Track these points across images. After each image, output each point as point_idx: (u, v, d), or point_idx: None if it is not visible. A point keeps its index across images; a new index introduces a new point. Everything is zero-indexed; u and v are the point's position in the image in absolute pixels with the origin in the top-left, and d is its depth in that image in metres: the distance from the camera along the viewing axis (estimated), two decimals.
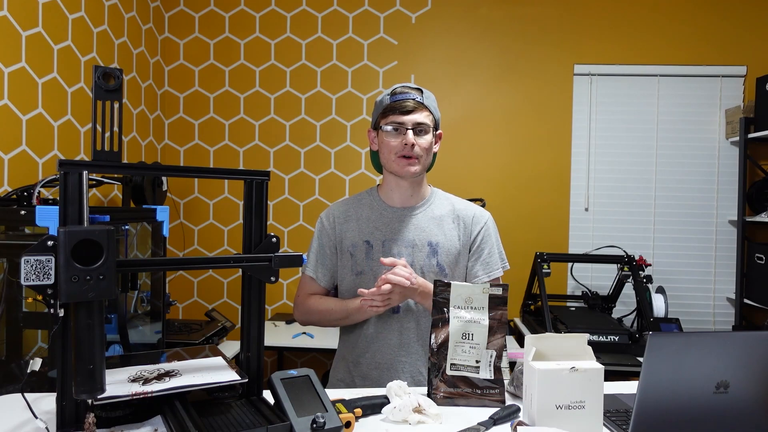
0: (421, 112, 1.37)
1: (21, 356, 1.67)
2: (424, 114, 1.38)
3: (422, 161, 1.39)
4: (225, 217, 3.09)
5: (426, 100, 1.39)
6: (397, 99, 1.37)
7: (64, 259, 0.76)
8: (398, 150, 1.37)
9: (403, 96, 1.38)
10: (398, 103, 1.37)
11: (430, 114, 1.39)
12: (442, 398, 1.14)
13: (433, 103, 1.42)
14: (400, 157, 1.37)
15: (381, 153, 1.42)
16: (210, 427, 0.88)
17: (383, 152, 1.41)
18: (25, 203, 1.61)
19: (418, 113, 1.37)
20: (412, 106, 1.36)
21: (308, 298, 1.47)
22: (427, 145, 1.38)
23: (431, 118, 1.40)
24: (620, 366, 2.14)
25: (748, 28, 2.93)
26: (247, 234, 0.99)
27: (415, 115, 1.36)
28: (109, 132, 0.87)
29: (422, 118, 1.37)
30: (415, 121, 1.36)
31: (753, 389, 0.89)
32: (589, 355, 1.03)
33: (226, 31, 3.06)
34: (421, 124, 1.37)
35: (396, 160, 1.38)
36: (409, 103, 1.36)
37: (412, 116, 1.36)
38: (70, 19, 2.21)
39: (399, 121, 1.36)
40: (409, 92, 1.39)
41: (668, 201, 2.97)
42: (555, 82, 2.99)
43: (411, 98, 1.37)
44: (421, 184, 1.47)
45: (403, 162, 1.38)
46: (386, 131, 1.38)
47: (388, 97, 1.39)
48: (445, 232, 1.43)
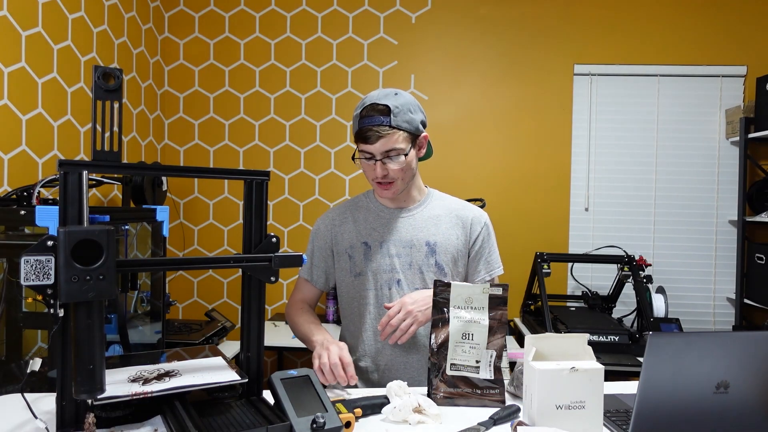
0: (390, 138, 1.29)
1: (21, 356, 1.67)
2: (393, 138, 1.30)
3: (399, 182, 1.37)
4: (225, 217, 3.09)
5: (396, 119, 1.29)
6: (364, 125, 1.31)
7: (64, 259, 0.76)
8: (372, 177, 1.36)
9: (369, 121, 1.30)
10: (364, 131, 1.31)
11: (402, 133, 1.31)
12: (442, 398, 1.14)
13: (407, 116, 1.32)
14: (377, 183, 1.37)
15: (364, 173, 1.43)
16: (210, 427, 0.88)
17: (364, 174, 1.41)
18: (25, 203, 1.61)
19: (386, 140, 1.29)
20: (378, 135, 1.29)
21: (293, 306, 1.50)
22: (400, 167, 1.33)
23: (404, 137, 1.32)
24: (620, 366, 2.13)
25: (748, 28, 2.93)
26: (247, 234, 0.99)
27: (383, 143, 1.30)
28: (109, 132, 0.87)
29: (391, 144, 1.30)
30: (382, 150, 1.31)
31: (753, 389, 0.89)
32: (589, 355, 1.03)
33: (226, 31, 3.06)
34: (389, 151, 1.31)
35: (375, 185, 1.39)
36: (374, 132, 1.29)
37: (380, 146, 1.30)
38: (69, 19, 2.21)
39: (368, 151, 1.33)
40: (374, 116, 1.30)
41: (668, 201, 2.97)
42: (555, 82, 2.99)
43: (377, 124, 1.29)
44: (413, 188, 1.46)
45: (380, 188, 1.38)
46: (360, 158, 1.37)
47: (357, 121, 1.34)
48: (442, 231, 1.43)
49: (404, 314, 1.27)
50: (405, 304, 1.28)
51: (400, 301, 1.29)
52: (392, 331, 1.27)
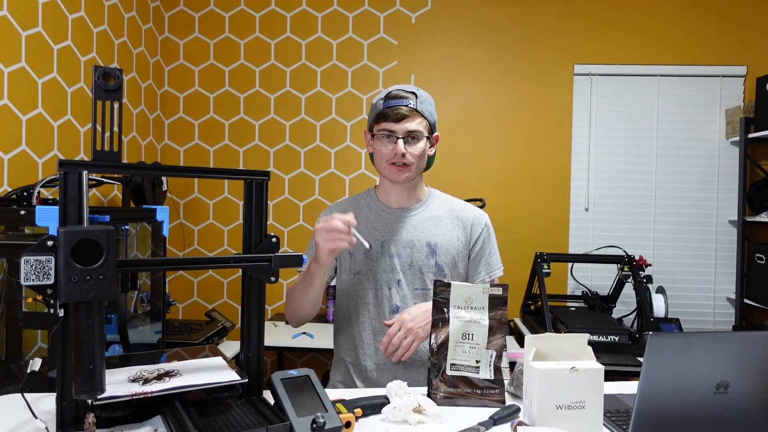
0: (413, 120, 1.34)
1: (21, 356, 1.67)
2: (416, 121, 1.34)
3: (414, 168, 1.38)
4: (225, 217, 3.09)
5: (420, 105, 1.36)
6: (390, 105, 1.34)
7: (64, 259, 0.76)
8: (389, 157, 1.36)
9: (396, 102, 1.34)
10: (391, 109, 1.34)
11: (423, 120, 1.36)
12: (442, 398, 1.14)
13: (429, 107, 1.39)
14: (392, 164, 1.37)
15: (374, 157, 1.42)
16: (210, 427, 0.88)
17: (376, 157, 1.41)
18: (25, 203, 1.61)
19: (410, 121, 1.33)
20: (404, 114, 1.33)
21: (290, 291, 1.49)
22: (419, 152, 1.36)
23: (425, 124, 1.37)
24: (620, 366, 2.13)
25: (748, 28, 2.93)
26: (247, 234, 0.99)
27: (407, 123, 1.33)
28: (109, 132, 0.87)
29: (414, 126, 1.34)
30: (406, 129, 1.33)
31: (753, 389, 0.89)
32: (589, 355, 1.03)
33: (226, 31, 3.06)
34: (412, 132, 1.34)
35: (388, 167, 1.38)
36: (401, 110, 1.33)
37: (404, 124, 1.33)
38: (69, 19, 2.21)
39: (390, 129, 1.34)
40: (403, 97, 1.35)
41: (668, 201, 2.97)
42: (555, 82, 2.99)
43: (404, 105, 1.33)
44: (417, 186, 1.46)
45: (394, 169, 1.37)
46: (379, 137, 1.37)
47: (382, 102, 1.37)
48: (443, 232, 1.43)
49: (405, 332, 1.26)
50: (405, 321, 1.28)
51: (400, 319, 1.28)
52: (394, 349, 1.27)
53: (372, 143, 1.41)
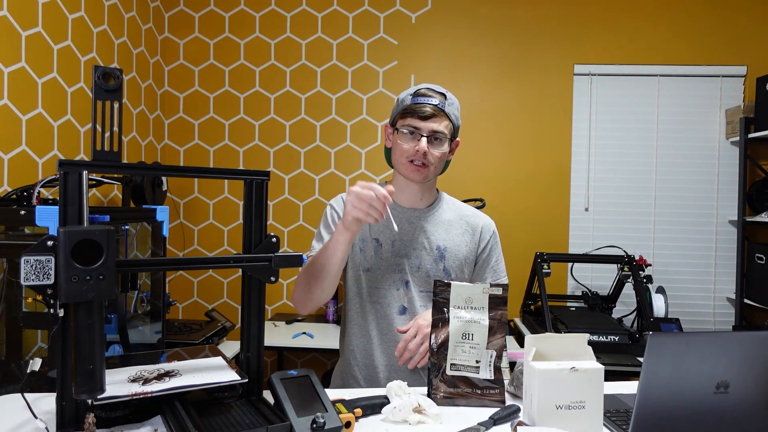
0: (440, 120, 1.31)
1: (21, 356, 1.67)
2: (443, 123, 1.32)
3: (432, 169, 1.35)
4: (225, 217, 3.09)
5: (448, 107, 1.33)
6: (418, 102, 1.31)
7: (64, 259, 0.76)
8: (410, 155, 1.33)
9: (424, 99, 1.31)
10: (418, 106, 1.30)
11: (449, 123, 1.34)
12: (442, 398, 1.14)
13: (456, 111, 1.36)
14: (410, 162, 1.34)
15: (393, 153, 1.39)
16: (210, 427, 0.88)
17: (395, 153, 1.37)
18: (25, 203, 1.61)
19: (436, 121, 1.31)
20: (431, 112, 1.30)
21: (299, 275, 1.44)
22: (441, 154, 1.34)
23: (450, 127, 1.34)
24: (620, 366, 2.14)
25: (748, 28, 2.93)
26: (247, 234, 0.99)
27: (433, 122, 1.31)
28: (109, 132, 0.87)
29: (440, 127, 1.31)
30: (431, 128, 1.31)
31: (753, 389, 0.89)
32: (589, 355, 1.03)
33: (226, 31, 3.06)
34: (437, 133, 1.31)
35: (406, 164, 1.35)
36: (428, 108, 1.30)
37: (430, 123, 1.30)
38: (70, 19, 2.21)
39: (415, 125, 1.31)
40: (432, 96, 1.32)
41: (668, 201, 2.97)
42: (555, 82, 2.99)
43: (432, 103, 1.31)
44: (431, 188, 1.45)
45: (412, 168, 1.34)
46: (402, 133, 1.34)
47: (410, 97, 1.34)
48: (453, 237, 1.42)
49: (421, 338, 1.25)
50: (421, 327, 1.26)
51: (416, 324, 1.26)
52: (410, 356, 1.25)
53: (393, 138, 1.38)
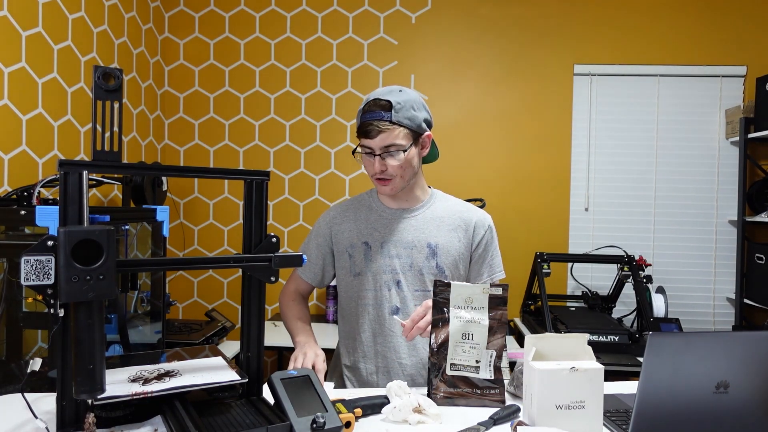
0: (390, 134, 1.29)
1: (21, 356, 1.67)
2: (393, 134, 1.29)
3: (398, 180, 1.35)
4: (225, 217, 3.09)
5: (397, 114, 1.29)
6: (365, 119, 1.31)
7: (64, 259, 0.76)
8: (372, 173, 1.36)
9: (370, 116, 1.30)
10: (365, 125, 1.31)
11: (402, 129, 1.31)
12: (442, 398, 1.14)
13: (409, 112, 1.31)
14: (377, 179, 1.37)
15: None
16: (210, 427, 0.88)
17: (364, 168, 1.41)
18: (25, 203, 1.61)
19: (386, 135, 1.29)
20: (378, 129, 1.29)
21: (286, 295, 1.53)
22: (401, 163, 1.32)
23: (405, 133, 1.31)
24: (620, 366, 2.13)
25: (748, 28, 2.93)
26: (247, 234, 0.99)
27: (383, 138, 1.29)
28: (109, 132, 0.87)
29: (391, 140, 1.30)
30: (382, 145, 1.30)
31: (753, 389, 0.89)
32: (589, 355, 1.03)
33: (226, 31, 3.06)
34: (389, 147, 1.30)
35: (374, 181, 1.39)
36: (374, 127, 1.29)
37: (379, 141, 1.30)
38: (70, 19, 2.21)
39: (367, 146, 1.33)
40: (376, 111, 1.30)
41: (668, 201, 2.97)
42: (555, 82, 2.99)
43: (378, 119, 1.29)
44: (416, 188, 1.44)
45: (379, 184, 1.37)
46: (361, 153, 1.37)
47: (360, 115, 1.34)
48: (445, 233, 1.42)
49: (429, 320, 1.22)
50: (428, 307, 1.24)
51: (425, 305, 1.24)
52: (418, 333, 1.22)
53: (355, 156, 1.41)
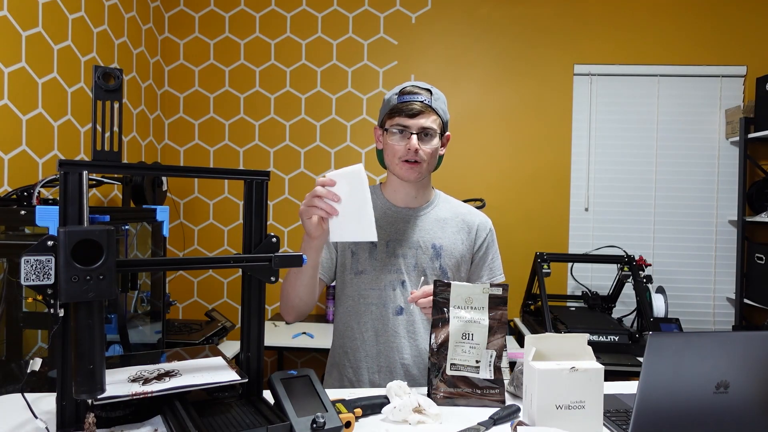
0: (428, 116, 1.32)
1: (21, 356, 1.67)
2: (431, 118, 1.32)
3: (425, 166, 1.35)
4: (225, 217, 3.09)
5: (435, 102, 1.34)
6: (404, 100, 1.32)
7: (64, 259, 0.76)
8: (402, 154, 1.33)
9: (410, 97, 1.32)
10: (405, 104, 1.31)
11: (437, 118, 1.34)
12: (442, 398, 1.14)
13: (443, 105, 1.37)
14: (404, 161, 1.34)
15: (385, 154, 1.39)
16: (210, 427, 0.88)
17: (387, 153, 1.38)
18: (25, 203, 1.61)
19: (424, 117, 1.31)
20: (418, 109, 1.30)
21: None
22: (432, 150, 1.34)
23: (439, 122, 1.34)
24: (620, 366, 2.13)
25: (748, 28, 2.93)
26: (247, 234, 0.99)
27: (422, 119, 1.31)
28: (109, 132, 0.87)
29: (429, 123, 1.32)
30: (420, 125, 1.31)
31: (753, 389, 0.89)
32: (589, 355, 1.03)
33: (226, 31, 3.06)
34: (426, 129, 1.32)
35: (399, 164, 1.35)
36: (416, 105, 1.30)
37: (418, 120, 1.31)
38: (70, 19, 2.21)
39: (404, 124, 1.32)
40: (417, 93, 1.33)
41: (668, 201, 2.97)
42: (555, 82, 2.99)
43: (419, 100, 1.31)
44: (426, 186, 1.45)
45: (405, 166, 1.35)
46: (391, 133, 1.34)
47: (396, 97, 1.34)
48: (448, 235, 1.42)
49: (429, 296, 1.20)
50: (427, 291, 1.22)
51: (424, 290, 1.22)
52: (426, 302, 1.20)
53: (383, 139, 1.38)
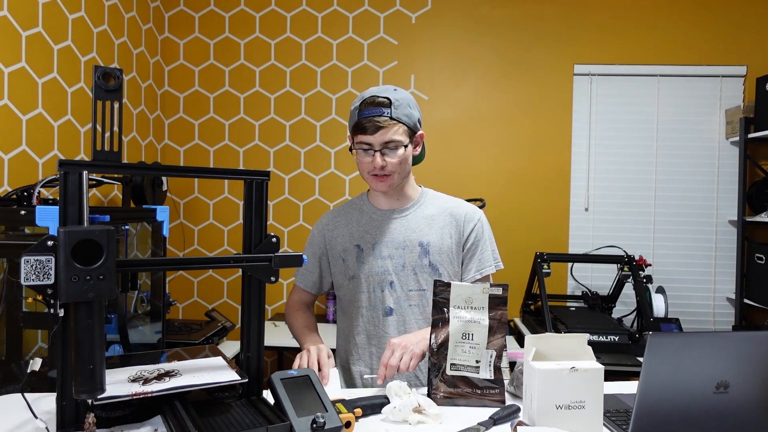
0: (389, 129, 1.30)
1: (21, 356, 1.67)
2: (393, 130, 1.30)
3: (395, 177, 1.35)
4: (225, 217, 3.09)
5: (396, 111, 1.30)
6: (364, 115, 1.30)
7: (64, 259, 0.76)
8: (369, 169, 1.35)
9: (371, 111, 1.30)
10: (366, 120, 1.30)
11: (401, 126, 1.32)
12: (442, 398, 1.14)
13: (407, 110, 1.33)
14: (373, 175, 1.35)
15: (357, 166, 1.40)
16: (210, 427, 0.88)
17: (359, 167, 1.39)
18: (25, 203, 1.61)
19: (386, 131, 1.30)
20: (379, 125, 1.29)
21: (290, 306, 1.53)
22: (400, 160, 1.33)
23: (403, 129, 1.32)
24: (620, 366, 2.13)
25: (748, 28, 2.92)
26: (247, 234, 0.99)
27: (385, 134, 1.30)
28: (109, 132, 0.87)
29: (391, 135, 1.30)
30: (383, 141, 1.30)
31: (753, 389, 0.89)
32: (589, 355, 1.03)
33: (226, 31, 3.06)
34: (389, 143, 1.31)
35: (369, 178, 1.37)
36: (376, 121, 1.29)
37: (382, 136, 1.30)
38: (70, 19, 2.21)
39: (367, 142, 1.31)
40: (378, 105, 1.30)
41: (668, 201, 2.97)
42: (555, 82, 2.99)
43: (378, 115, 1.29)
44: (406, 187, 1.44)
45: (375, 180, 1.36)
46: (357, 150, 1.35)
47: (357, 111, 1.33)
48: (436, 231, 1.41)
49: (400, 352, 1.20)
50: (393, 344, 1.22)
51: (389, 344, 1.22)
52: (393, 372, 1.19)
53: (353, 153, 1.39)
